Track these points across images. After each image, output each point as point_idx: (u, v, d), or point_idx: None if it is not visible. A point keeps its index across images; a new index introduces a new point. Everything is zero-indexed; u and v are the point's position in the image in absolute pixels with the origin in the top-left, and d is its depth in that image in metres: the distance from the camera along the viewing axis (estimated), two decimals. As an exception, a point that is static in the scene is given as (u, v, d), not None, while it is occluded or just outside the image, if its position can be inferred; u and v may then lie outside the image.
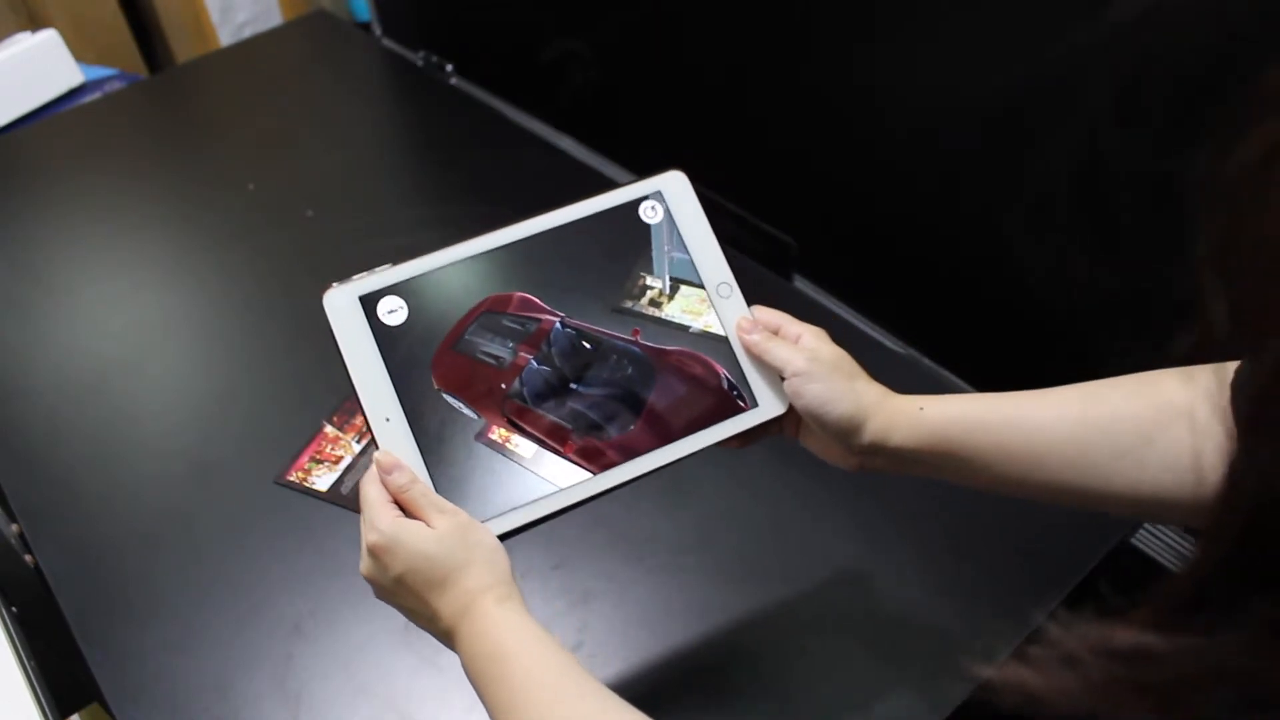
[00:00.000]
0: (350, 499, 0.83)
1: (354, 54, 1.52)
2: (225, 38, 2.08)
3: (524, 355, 0.56)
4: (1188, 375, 0.48)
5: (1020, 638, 0.69)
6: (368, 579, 0.52)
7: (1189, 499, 0.47)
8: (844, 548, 0.76)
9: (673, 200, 0.59)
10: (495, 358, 0.56)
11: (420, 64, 1.47)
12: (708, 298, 0.58)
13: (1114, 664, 0.27)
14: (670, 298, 0.58)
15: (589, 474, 0.54)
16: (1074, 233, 0.75)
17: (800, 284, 1.04)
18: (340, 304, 0.54)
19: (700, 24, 1.01)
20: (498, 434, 0.54)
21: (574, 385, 0.56)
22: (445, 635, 0.50)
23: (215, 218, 1.18)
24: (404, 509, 0.51)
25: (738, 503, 0.80)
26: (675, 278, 0.59)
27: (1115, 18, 0.60)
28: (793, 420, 0.57)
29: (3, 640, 0.74)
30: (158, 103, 1.48)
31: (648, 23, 1.08)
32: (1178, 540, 0.81)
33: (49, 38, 1.46)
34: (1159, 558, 0.83)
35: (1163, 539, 0.83)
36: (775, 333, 0.57)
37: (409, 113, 1.43)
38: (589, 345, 0.57)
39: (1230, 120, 0.27)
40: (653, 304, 0.58)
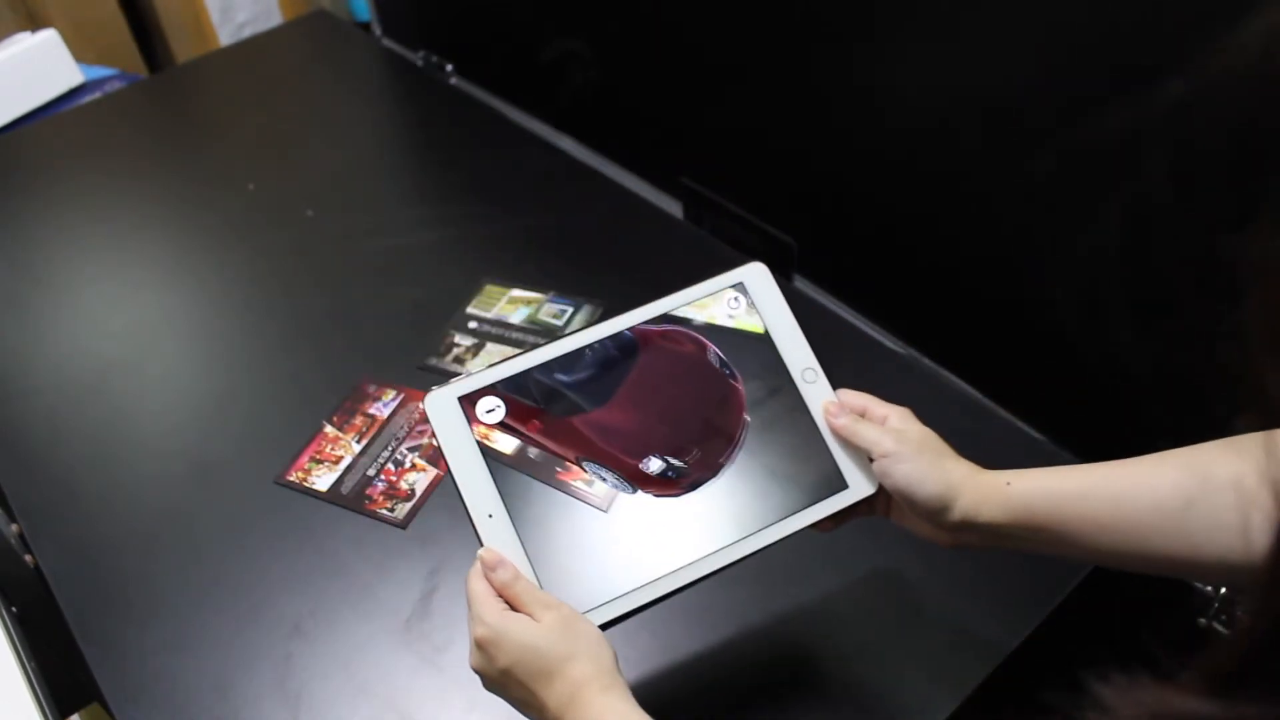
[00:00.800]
0: (350, 499, 0.83)
1: (354, 54, 1.52)
2: (225, 38, 2.09)
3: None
4: (1239, 445, 0.48)
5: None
6: (476, 671, 0.53)
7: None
8: (852, 540, 0.76)
9: (755, 290, 0.61)
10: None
11: (420, 64, 1.47)
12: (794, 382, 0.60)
13: None
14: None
15: (685, 562, 0.55)
16: (1074, 232, 0.75)
17: (800, 284, 1.04)
18: (441, 405, 0.56)
19: (700, 24, 1.01)
20: (598, 519, 0.56)
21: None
22: None
23: (215, 218, 1.18)
24: (509, 604, 0.52)
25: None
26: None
27: (1165, 94, 0.59)
28: (883, 499, 0.59)
29: (3, 640, 0.74)
30: (158, 103, 1.48)
31: (648, 23, 1.08)
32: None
33: (49, 38, 1.46)
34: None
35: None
36: (862, 414, 0.58)
37: (409, 113, 1.43)
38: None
39: None
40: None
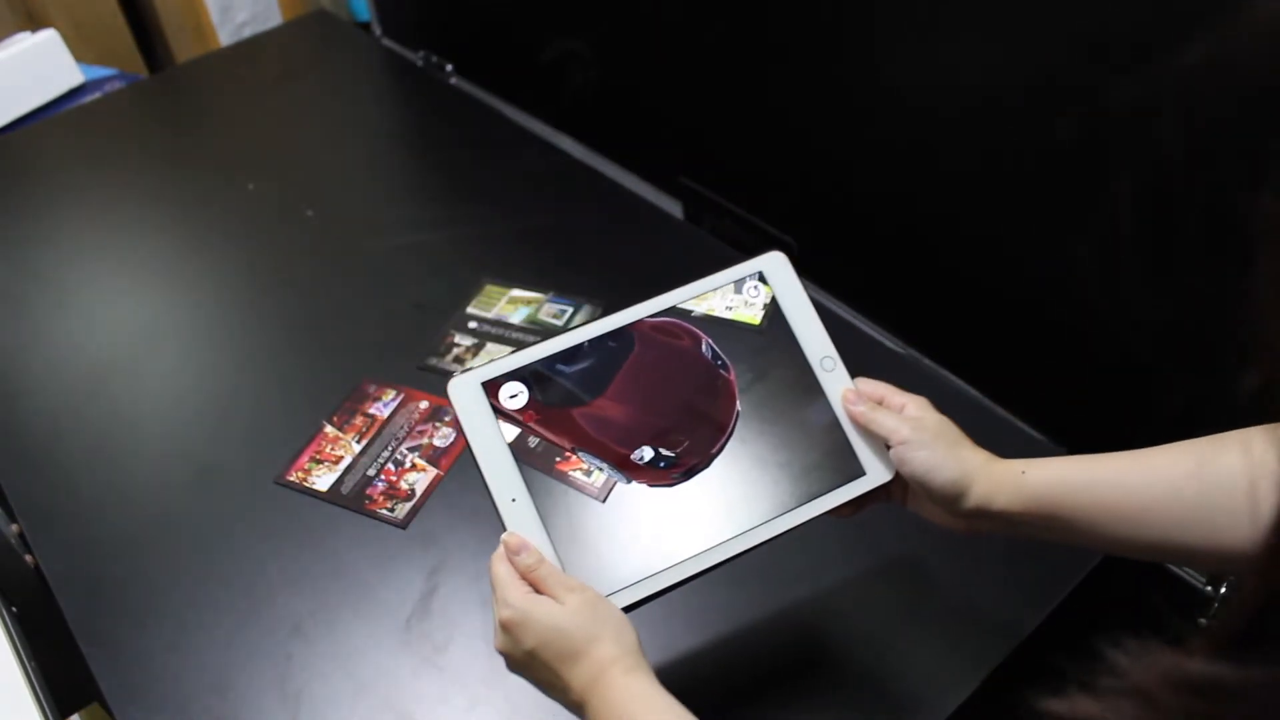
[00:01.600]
0: (350, 499, 0.83)
1: (354, 54, 1.52)
2: (225, 38, 2.08)
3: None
4: (1251, 436, 0.48)
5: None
6: (501, 652, 0.53)
7: None
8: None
9: (774, 278, 0.62)
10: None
11: (420, 64, 1.47)
12: (812, 371, 0.60)
13: (1188, 698, 0.27)
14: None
15: (707, 546, 0.56)
16: (1076, 234, 0.75)
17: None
18: (464, 391, 0.56)
19: (700, 23, 1.01)
20: (620, 503, 0.56)
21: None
22: (576, 706, 0.52)
23: (215, 217, 1.18)
24: (533, 587, 0.53)
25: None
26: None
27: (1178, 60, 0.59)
28: (900, 486, 0.59)
29: (3, 640, 0.74)
30: (158, 103, 1.48)
31: (648, 23, 1.08)
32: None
33: (49, 38, 1.46)
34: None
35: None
36: (879, 403, 0.58)
37: (409, 113, 1.43)
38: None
39: None
40: None
